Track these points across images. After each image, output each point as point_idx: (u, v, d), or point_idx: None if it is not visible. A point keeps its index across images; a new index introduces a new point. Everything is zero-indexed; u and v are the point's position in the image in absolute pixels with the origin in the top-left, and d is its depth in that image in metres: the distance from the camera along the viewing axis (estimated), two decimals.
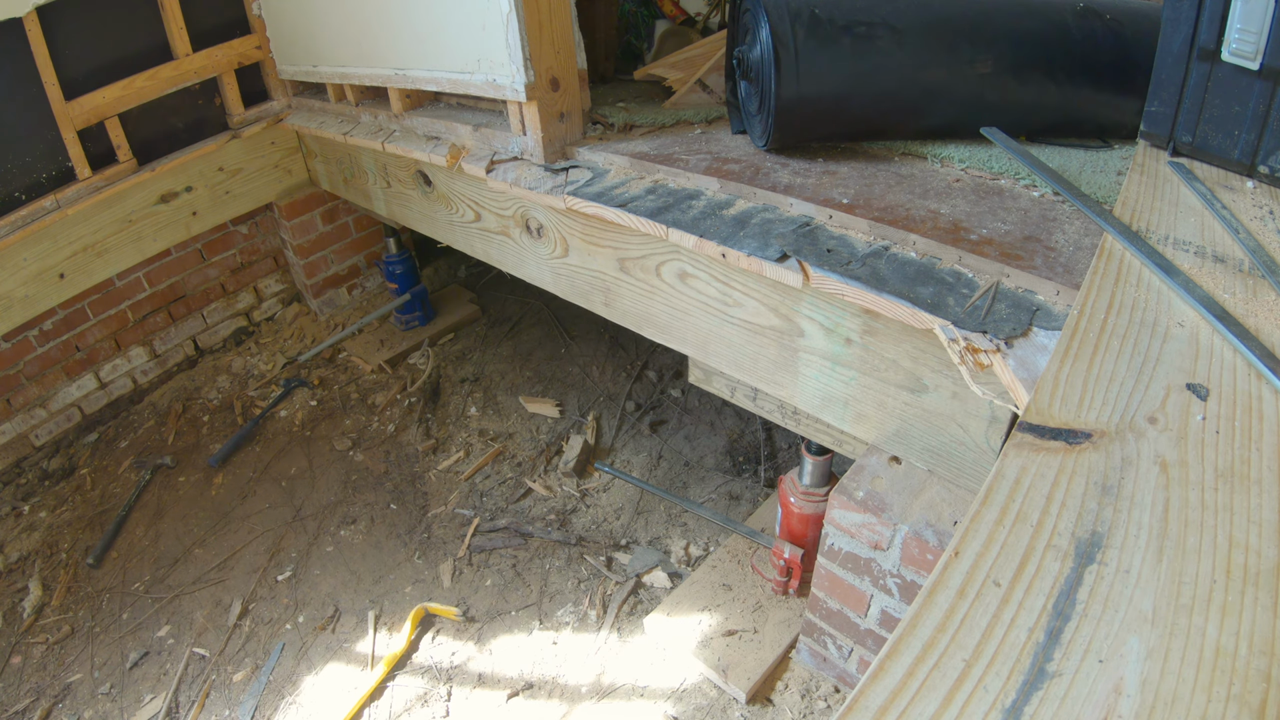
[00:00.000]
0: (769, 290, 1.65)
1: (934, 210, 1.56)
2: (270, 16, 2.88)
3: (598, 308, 2.12)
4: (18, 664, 2.21)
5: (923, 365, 1.47)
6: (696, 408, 2.95)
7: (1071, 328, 1.03)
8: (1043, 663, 0.64)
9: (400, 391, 3.10)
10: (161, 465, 2.82)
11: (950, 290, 1.38)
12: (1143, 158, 1.49)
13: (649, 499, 2.58)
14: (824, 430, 1.88)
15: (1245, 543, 0.73)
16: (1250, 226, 1.23)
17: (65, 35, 2.49)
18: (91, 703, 2.10)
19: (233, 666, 2.17)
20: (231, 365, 3.26)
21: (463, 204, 2.40)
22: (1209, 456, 0.83)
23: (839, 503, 1.61)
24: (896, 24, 1.72)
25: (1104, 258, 1.19)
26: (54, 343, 2.83)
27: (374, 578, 2.39)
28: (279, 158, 3.13)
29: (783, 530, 2.11)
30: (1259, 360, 0.95)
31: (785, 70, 1.68)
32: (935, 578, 0.72)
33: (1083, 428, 0.87)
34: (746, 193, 1.74)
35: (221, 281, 3.26)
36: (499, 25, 1.84)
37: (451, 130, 2.30)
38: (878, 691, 0.63)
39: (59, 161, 2.60)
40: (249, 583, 2.39)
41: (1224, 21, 1.30)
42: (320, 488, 2.71)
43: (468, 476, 2.71)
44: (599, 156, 2.01)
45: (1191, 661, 0.63)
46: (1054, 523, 0.77)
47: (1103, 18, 1.81)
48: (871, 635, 1.77)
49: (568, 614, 2.24)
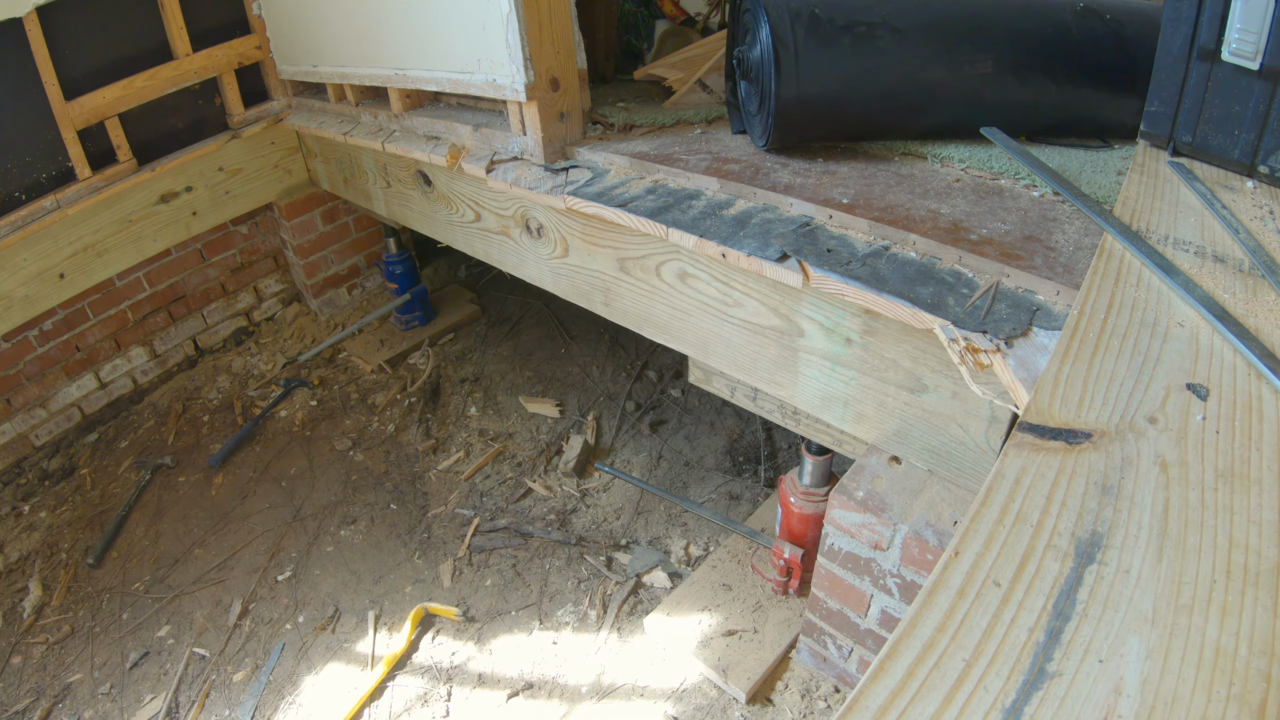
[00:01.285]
0: (769, 290, 1.65)
1: (934, 210, 1.56)
2: (270, 16, 2.88)
3: (598, 308, 2.12)
4: (18, 664, 2.21)
5: (923, 365, 1.47)
6: (696, 408, 2.95)
7: (1071, 328, 1.03)
8: (1043, 663, 0.64)
9: (400, 391, 3.10)
10: (161, 465, 2.82)
11: (950, 290, 1.38)
12: (1143, 158, 1.49)
13: (649, 499, 2.58)
14: (824, 430, 1.88)
15: (1245, 543, 0.73)
16: (1250, 226, 1.23)
17: (65, 35, 2.49)
18: (91, 703, 2.10)
19: (233, 666, 2.17)
20: (231, 365, 3.26)
21: (463, 204, 2.40)
22: (1209, 456, 0.83)
23: (839, 503, 1.61)
24: (896, 24, 1.72)
25: (1104, 258, 1.19)
26: (54, 343, 2.83)
27: (374, 578, 2.39)
28: (279, 158, 3.13)
29: (783, 530, 2.11)
30: (1259, 360, 0.95)
31: (785, 70, 1.68)
32: (935, 578, 0.72)
33: (1083, 428, 0.87)
34: (746, 193, 1.74)
35: (221, 281, 3.26)
36: (499, 25, 1.84)
37: (451, 130, 2.30)
38: (878, 691, 0.63)
39: (59, 161, 2.60)
40: (249, 583, 2.39)
41: (1224, 21, 1.30)
42: (320, 488, 2.71)
43: (468, 476, 2.71)
44: (599, 156, 2.01)
45: (1191, 661, 0.63)
46: (1054, 523, 0.77)
47: (1103, 17, 1.81)
48: (871, 635, 1.77)
49: (568, 614, 2.24)
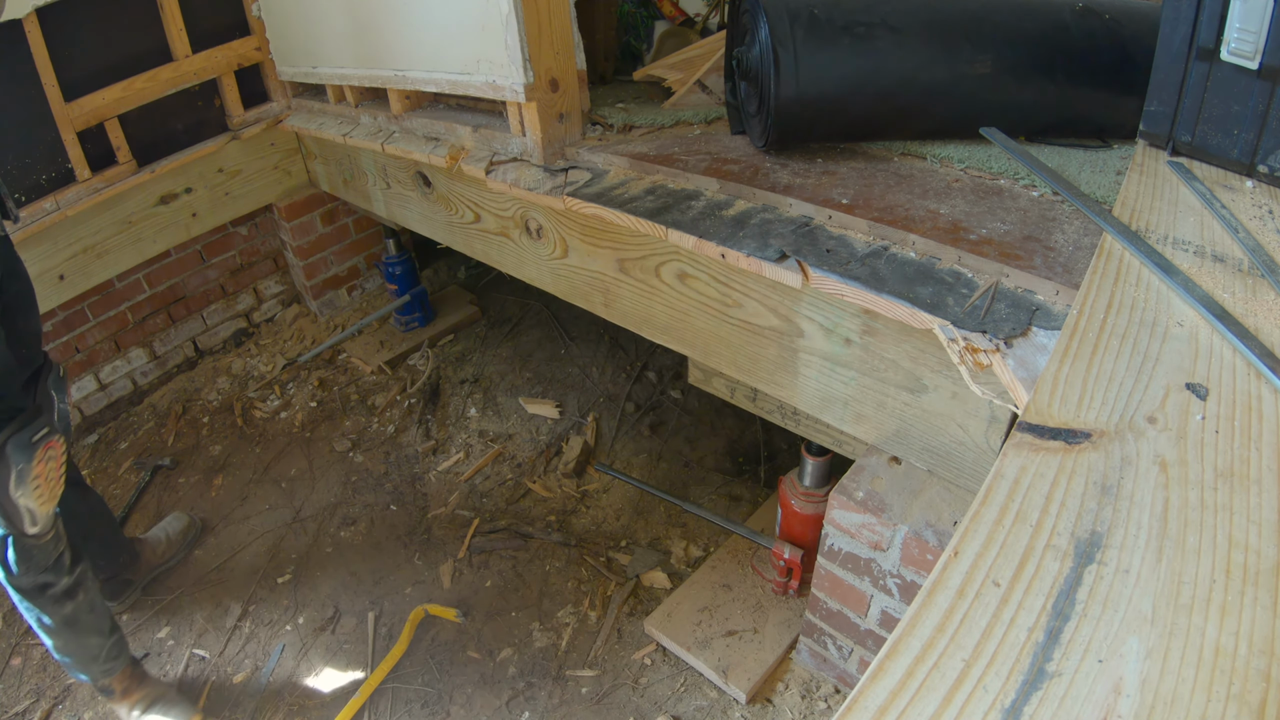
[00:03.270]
0: (768, 290, 1.65)
1: (933, 210, 1.56)
2: (270, 18, 2.88)
3: (597, 308, 2.12)
4: (18, 665, 2.21)
5: (922, 365, 1.47)
6: (696, 408, 2.95)
7: (1071, 327, 1.03)
8: (1042, 663, 0.64)
9: (400, 393, 3.10)
10: (161, 466, 2.82)
11: (949, 290, 1.38)
12: (1142, 157, 1.49)
13: (649, 500, 2.58)
14: (824, 431, 1.88)
15: (1245, 542, 0.73)
16: (1250, 226, 1.23)
17: (65, 37, 2.49)
18: (91, 704, 2.09)
19: (232, 668, 2.17)
20: (231, 367, 3.26)
21: (462, 205, 2.40)
22: (1209, 456, 0.83)
23: (839, 503, 1.61)
24: (896, 24, 1.72)
25: (1103, 257, 1.19)
26: (54, 344, 2.82)
27: (374, 579, 2.39)
28: (278, 159, 3.13)
29: (783, 531, 2.11)
30: (1259, 360, 0.95)
31: (784, 71, 1.68)
32: (934, 578, 0.72)
33: (1082, 427, 0.87)
34: (746, 193, 1.74)
35: (221, 283, 3.26)
36: (498, 26, 1.84)
37: (451, 131, 2.30)
38: (877, 691, 0.63)
39: (59, 163, 2.60)
40: (249, 584, 2.39)
41: (1223, 21, 1.30)
42: (320, 489, 2.71)
43: (467, 477, 2.71)
44: (598, 157, 2.01)
45: (1191, 661, 0.63)
46: (1053, 522, 0.77)
47: (1102, 17, 1.81)
48: (871, 635, 1.77)
49: (568, 615, 2.24)
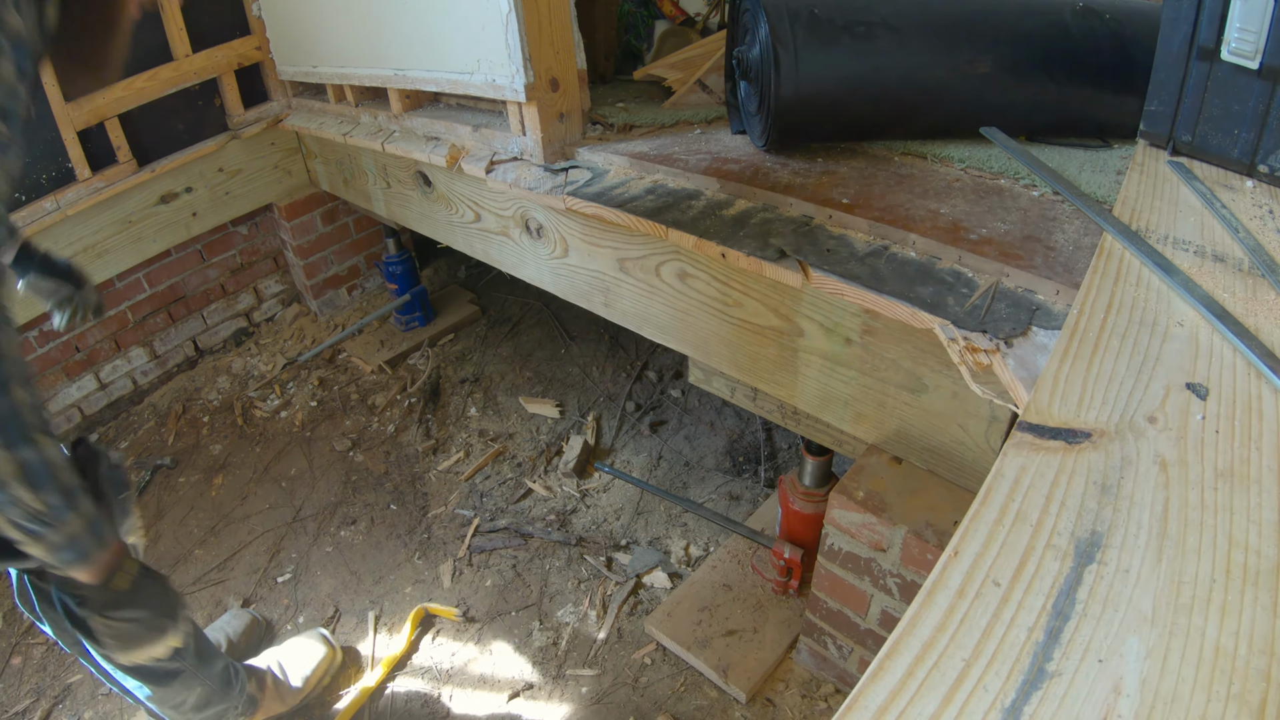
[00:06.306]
0: (769, 290, 1.65)
1: (934, 210, 1.56)
2: (270, 17, 2.88)
3: (597, 308, 2.12)
4: (18, 664, 2.21)
5: (923, 365, 1.47)
6: (696, 408, 2.95)
7: (1071, 327, 1.03)
8: (1042, 662, 0.64)
9: (400, 392, 3.10)
10: (161, 466, 2.82)
11: (950, 290, 1.38)
12: (1142, 157, 1.49)
13: (649, 499, 2.58)
14: (824, 430, 1.88)
15: (1245, 542, 0.73)
16: (1250, 226, 1.23)
17: None
18: (91, 703, 2.10)
19: None
20: (231, 366, 3.26)
21: (462, 204, 2.40)
22: (1209, 456, 0.83)
23: (839, 503, 1.61)
24: (896, 24, 1.72)
25: (1103, 257, 1.19)
26: (54, 343, 2.83)
27: (374, 578, 2.39)
28: (279, 158, 3.13)
29: (783, 530, 2.11)
30: (1259, 359, 0.95)
31: (785, 70, 1.68)
32: (935, 577, 0.72)
33: (1082, 427, 0.87)
34: (746, 192, 1.74)
35: (221, 282, 3.26)
36: (498, 25, 1.84)
37: (451, 131, 2.30)
38: (877, 691, 0.63)
39: (59, 163, 2.60)
40: (249, 583, 2.39)
41: (1223, 21, 1.30)
42: (320, 488, 2.71)
43: (468, 477, 2.71)
44: (599, 157, 2.01)
45: (1191, 661, 0.63)
46: (1053, 522, 0.77)
47: (1102, 17, 1.81)
48: (871, 635, 1.77)
49: (568, 614, 2.24)
